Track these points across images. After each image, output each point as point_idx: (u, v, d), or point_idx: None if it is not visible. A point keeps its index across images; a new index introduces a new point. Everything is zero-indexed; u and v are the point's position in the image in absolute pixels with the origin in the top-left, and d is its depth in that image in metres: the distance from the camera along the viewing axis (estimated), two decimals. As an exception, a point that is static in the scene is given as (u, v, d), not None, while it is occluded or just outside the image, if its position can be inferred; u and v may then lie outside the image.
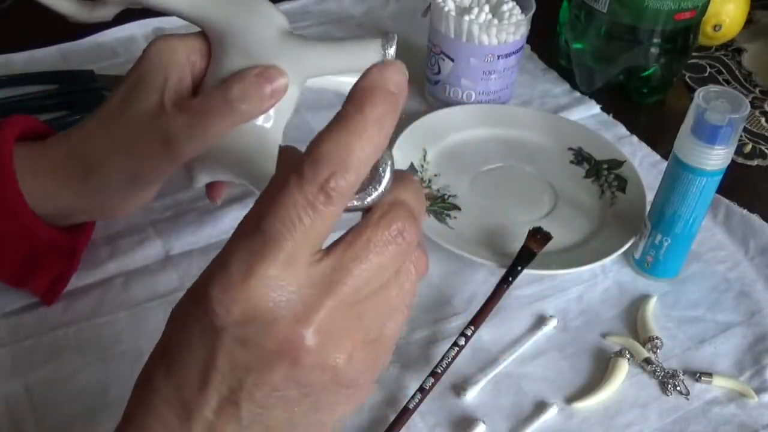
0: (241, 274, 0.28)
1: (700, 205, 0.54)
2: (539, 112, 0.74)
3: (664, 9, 0.69)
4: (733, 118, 0.50)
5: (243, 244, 0.28)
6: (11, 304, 0.53)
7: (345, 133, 0.28)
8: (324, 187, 0.27)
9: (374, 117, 0.28)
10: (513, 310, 0.56)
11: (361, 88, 0.29)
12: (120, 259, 0.57)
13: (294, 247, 0.28)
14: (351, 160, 0.28)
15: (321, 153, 0.28)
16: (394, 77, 0.29)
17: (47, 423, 0.47)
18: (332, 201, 0.28)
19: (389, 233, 0.30)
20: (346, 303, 0.29)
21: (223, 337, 0.28)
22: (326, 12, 0.88)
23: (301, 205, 0.27)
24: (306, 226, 0.28)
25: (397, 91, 0.29)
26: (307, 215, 0.28)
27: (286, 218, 0.27)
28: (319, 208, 0.28)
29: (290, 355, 0.28)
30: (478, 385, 0.51)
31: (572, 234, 0.61)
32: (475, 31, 0.68)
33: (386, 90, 0.29)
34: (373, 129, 0.28)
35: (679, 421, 0.50)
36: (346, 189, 0.28)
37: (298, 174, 0.28)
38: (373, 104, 0.28)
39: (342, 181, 0.28)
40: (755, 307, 0.58)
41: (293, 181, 0.28)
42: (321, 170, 0.27)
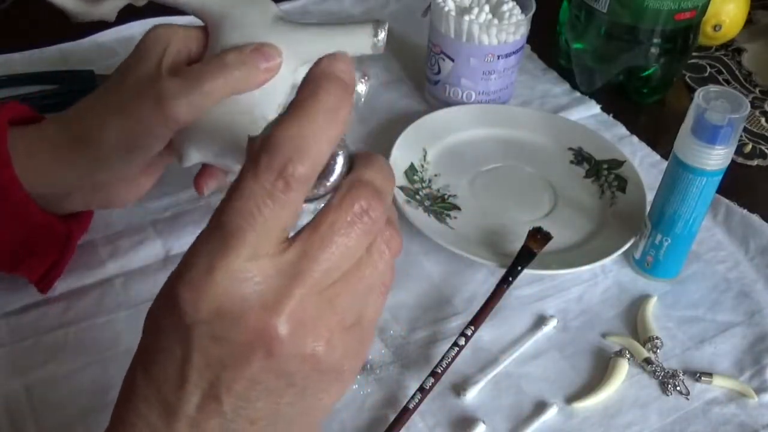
0: (205, 271, 0.27)
1: (700, 205, 0.54)
2: (539, 112, 0.74)
3: (664, 9, 0.69)
4: (733, 118, 0.50)
5: (205, 240, 0.28)
6: (11, 304, 0.53)
7: (300, 119, 0.28)
8: (282, 173, 0.27)
9: (329, 103, 0.28)
10: (513, 310, 0.56)
11: (314, 75, 0.29)
12: (120, 259, 0.57)
13: (256, 238, 0.27)
14: (308, 146, 0.27)
15: (276, 140, 0.27)
16: (343, 67, 0.29)
17: (47, 423, 0.47)
18: (291, 188, 0.27)
19: (353, 213, 0.29)
20: (317, 289, 0.29)
21: (194, 335, 0.28)
22: (326, 12, 0.88)
23: (259, 194, 0.27)
24: (266, 216, 0.27)
25: (348, 81, 0.29)
26: (266, 205, 0.27)
27: (244, 210, 0.27)
28: (278, 196, 0.27)
29: (264, 346, 0.28)
30: (478, 385, 0.51)
31: (572, 234, 0.61)
32: (475, 31, 0.68)
33: (339, 78, 0.29)
34: (329, 114, 0.28)
35: (679, 421, 0.50)
36: (304, 175, 0.27)
37: (254, 163, 0.27)
38: (327, 90, 0.28)
39: (300, 167, 0.27)
40: (755, 307, 0.58)
41: (249, 170, 0.27)
42: (277, 157, 0.27)
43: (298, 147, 0.27)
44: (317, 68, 0.29)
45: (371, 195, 0.30)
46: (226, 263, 0.27)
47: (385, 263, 0.31)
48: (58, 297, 0.54)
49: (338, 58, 0.29)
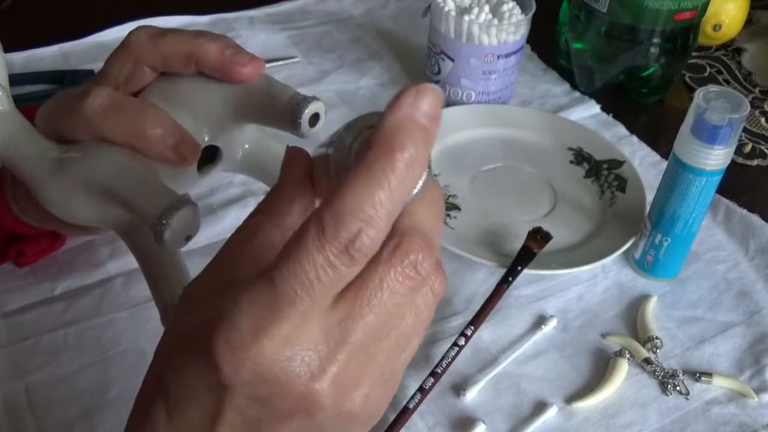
0: (251, 334, 0.26)
1: (700, 205, 0.54)
2: (539, 112, 0.74)
3: (664, 9, 0.69)
4: (733, 118, 0.50)
5: (253, 298, 0.26)
6: (11, 304, 0.53)
7: (372, 184, 0.25)
8: (348, 248, 0.25)
9: (405, 161, 0.26)
10: (513, 310, 0.56)
11: (389, 127, 0.26)
12: (120, 259, 0.57)
13: (310, 306, 0.26)
14: (378, 215, 0.25)
15: (345, 207, 0.25)
16: (427, 106, 0.26)
17: (47, 423, 0.47)
18: (355, 261, 0.26)
19: (403, 269, 0.27)
20: (361, 349, 0.28)
21: (232, 394, 0.27)
22: (326, 12, 0.88)
23: (320, 265, 0.25)
24: (324, 285, 0.26)
25: (431, 123, 0.26)
26: (327, 275, 0.25)
27: (303, 277, 0.25)
28: (340, 269, 0.25)
29: (305, 410, 0.27)
30: (478, 385, 0.51)
31: (572, 234, 0.61)
32: (475, 31, 0.68)
33: (418, 125, 0.26)
34: (404, 174, 0.26)
35: (678, 421, 0.50)
36: (371, 247, 0.26)
37: (318, 229, 0.25)
38: (403, 147, 0.25)
39: (367, 239, 0.25)
40: (755, 307, 0.58)
41: (312, 237, 0.25)
42: (344, 228, 0.25)
43: (368, 217, 0.25)
44: (395, 115, 0.26)
45: (423, 247, 0.28)
46: (274, 330, 0.26)
47: (428, 310, 0.30)
48: (58, 297, 0.54)
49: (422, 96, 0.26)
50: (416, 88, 0.26)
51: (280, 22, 0.85)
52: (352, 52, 0.82)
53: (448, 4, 0.70)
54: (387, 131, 0.26)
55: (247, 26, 0.84)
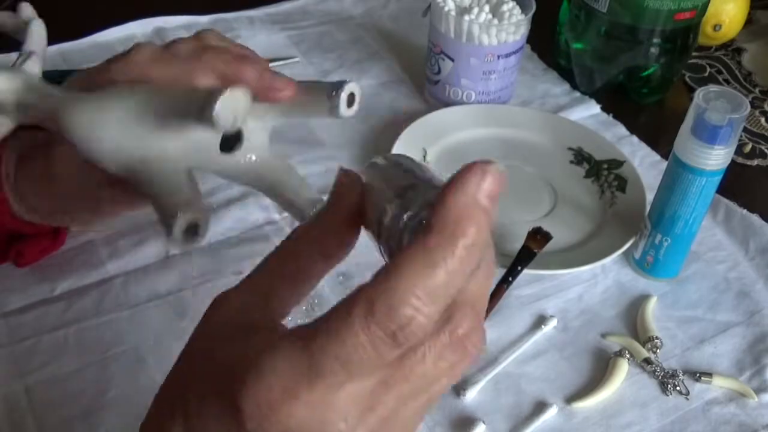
0: (281, 395, 0.25)
1: (700, 205, 0.54)
2: (539, 112, 0.74)
3: (663, 9, 0.69)
4: (733, 118, 0.50)
5: (288, 362, 0.25)
6: (11, 304, 0.53)
7: (429, 270, 0.24)
8: (396, 334, 0.24)
9: (467, 247, 0.24)
10: (513, 310, 0.56)
11: (453, 209, 0.25)
12: (120, 259, 0.57)
13: (346, 379, 0.25)
14: (432, 303, 0.24)
15: (398, 292, 0.24)
16: (490, 187, 0.25)
17: (47, 423, 0.47)
18: (401, 347, 0.24)
19: (450, 345, 0.26)
20: (391, 415, 0.27)
21: None
22: (326, 12, 0.88)
23: (362, 347, 0.24)
24: (364, 366, 0.25)
25: (493, 203, 0.25)
26: (368, 356, 0.24)
27: (343, 356, 0.24)
28: (385, 353, 0.24)
29: None
30: (478, 385, 0.51)
31: (572, 234, 0.61)
32: (475, 31, 0.68)
33: (481, 208, 0.25)
34: (462, 262, 0.24)
35: (678, 421, 0.50)
36: (419, 334, 0.24)
37: (368, 310, 0.24)
38: (465, 233, 0.24)
39: (418, 328, 0.24)
40: (755, 307, 0.58)
41: (360, 316, 0.24)
42: (396, 315, 0.24)
43: (421, 305, 0.24)
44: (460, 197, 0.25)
45: (474, 322, 0.26)
46: (305, 395, 0.25)
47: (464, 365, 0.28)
48: (58, 297, 0.54)
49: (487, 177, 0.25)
50: (482, 167, 0.25)
51: (280, 22, 0.85)
52: (352, 52, 0.82)
53: (448, 4, 0.70)
54: (450, 214, 0.25)
55: (247, 26, 0.84)
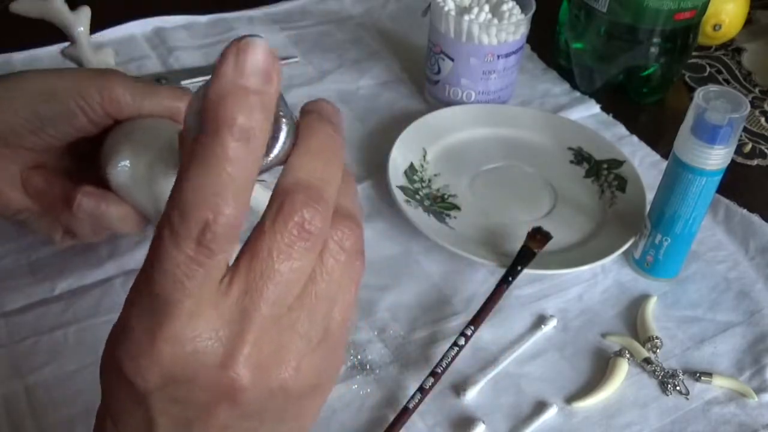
0: (146, 340, 0.25)
1: (700, 205, 0.54)
2: (539, 112, 0.74)
3: (663, 9, 0.69)
4: (733, 118, 0.50)
5: (140, 306, 0.26)
6: (11, 304, 0.53)
7: (206, 169, 0.24)
8: (200, 240, 0.24)
9: (237, 134, 0.24)
10: (513, 310, 0.56)
11: (211, 100, 0.24)
12: (120, 259, 0.57)
13: (193, 302, 0.25)
14: (223, 199, 0.24)
15: (186, 200, 0.24)
16: (254, 62, 0.24)
17: (47, 423, 0.47)
18: (214, 251, 0.25)
19: (289, 234, 0.26)
20: (271, 322, 0.26)
21: (152, 400, 0.26)
22: (326, 12, 0.88)
23: (184, 263, 0.24)
24: (197, 279, 0.25)
25: (264, 81, 0.24)
26: (194, 270, 0.25)
27: (171, 279, 0.25)
28: (204, 261, 0.25)
29: (226, 398, 0.26)
30: (478, 385, 0.51)
31: (572, 234, 0.61)
32: (475, 31, 0.68)
33: (246, 89, 0.24)
34: (240, 149, 0.24)
35: (678, 421, 0.50)
36: (227, 232, 0.24)
37: (169, 227, 0.24)
38: (230, 121, 0.24)
39: (219, 227, 0.24)
40: (755, 307, 0.58)
41: (166, 236, 0.24)
42: (190, 222, 0.24)
43: (212, 204, 0.24)
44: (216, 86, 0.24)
45: (307, 202, 0.26)
46: (166, 331, 0.25)
47: (343, 266, 0.28)
48: (58, 297, 0.54)
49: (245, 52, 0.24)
50: (236, 45, 0.24)
51: (279, 21, 0.85)
52: (352, 52, 0.82)
53: (448, 3, 0.70)
54: (211, 106, 0.24)
55: (246, 26, 0.84)
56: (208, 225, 0.24)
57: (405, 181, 0.64)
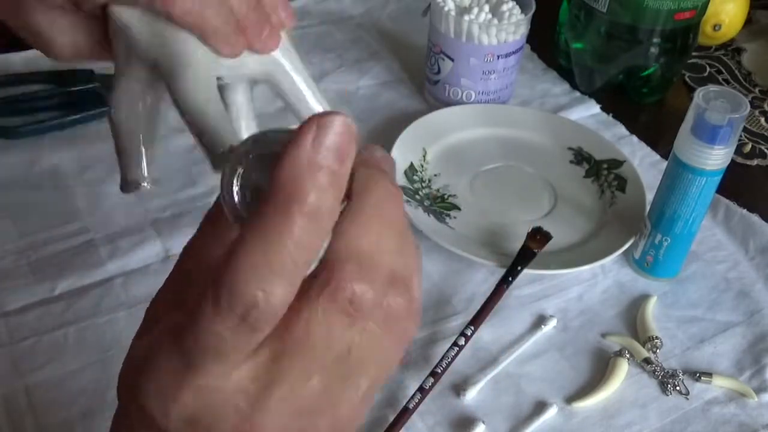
0: (174, 384, 0.25)
1: (700, 205, 0.54)
2: (539, 112, 0.74)
3: (663, 9, 0.69)
4: (733, 118, 0.50)
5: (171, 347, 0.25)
6: (11, 304, 0.53)
7: (266, 245, 0.22)
8: (245, 318, 0.23)
9: (306, 213, 0.22)
10: (513, 310, 0.56)
11: (285, 172, 0.22)
12: (120, 259, 0.57)
13: (223, 368, 0.24)
14: (276, 280, 0.23)
15: (237, 274, 0.23)
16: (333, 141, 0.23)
17: (47, 423, 0.47)
18: (257, 329, 0.23)
19: (336, 308, 0.24)
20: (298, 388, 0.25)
21: None
22: (326, 12, 0.88)
23: (220, 334, 0.23)
24: (231, 350, 0.24)
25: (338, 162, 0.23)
26: (230, 344, 0.24)
27: (205, 345, 0.24)
28: (242, 337, 0.24)
29: None
30: (478, 385, 0.51)
31: (572, 234, 0.61)
32: (475, 31, 0.68)
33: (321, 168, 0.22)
34: (306, 229, 0.23)
35: (678, 421, 0.50)
36: (273, 313, 0.23)
37: (213, 297, 0.23)
38: (301, 198, 0.22)
39: (266, 307, 0.23)
40: (755, 307, 0.58)
41: (208, 305, 0.23)
42: (238, 299, 0.23)
43: (265, 283, 0.22)
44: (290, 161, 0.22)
45: (358, 277, 0.24)
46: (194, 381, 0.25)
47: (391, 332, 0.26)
48: (58, 297, 0.54)
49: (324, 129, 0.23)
50: (317, 122, 0.23)
51: (279, 22, 0.85)
52: (352, 52, 0.82)
53: (448, 3, 0.70)
54: (284, 179, 0.22)
55: (246, 26, 0.84)
56: (257, 304, 0.23)
57: (405, 181, 0.64)
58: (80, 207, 0.61)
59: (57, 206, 0.61)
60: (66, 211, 0.60)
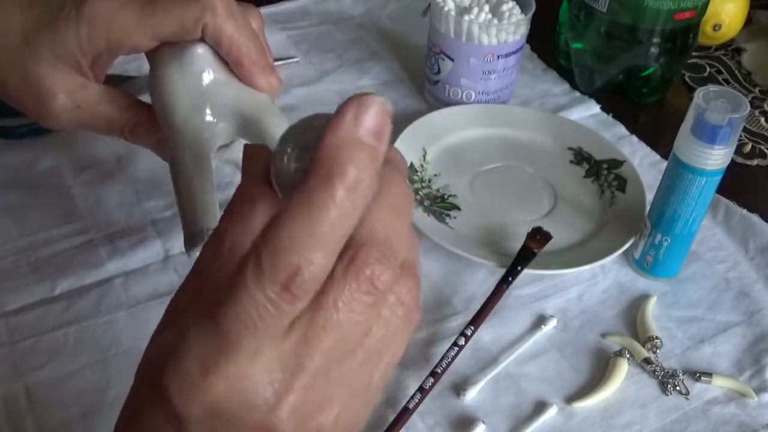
0: (198, 372, 0.25)
1: (700, 205, 0.54)
2: (539, 112, 0.74)
3: (663, 9, 0.69)
4: (733, 118, 0.50)
5: (199, 336, 0.25)
6: (11, 304, 0.53)
7: (310, 215, 0.24)
8: (287, 285, 0.24)
9: (347, 187, 0.24)
10: (513, 310, 0.56)
11: (328, 148, 0.24)
12: (120, 259, 0.57)
13: (256, 344, 0.25)
14: (318, 249, 0.24)
15: (281, 242, 0.24)
16: (371, 122, 0.24)
17: (47, 423, 0.47)
18: (298, 298, 0.24)
19: (358, 286, 0.25)
20: (322, 372, 0.26)
21: (190, 428, 0.26)
22: (326, 12, 0.88)
23: (261, 305, 0.24)
24: (268, 324, 0.24)
25: (377, 140, 0.24)
26: (269, 313, 0.24)
27: (245, 317, 0.24)
28: (283, 307, 0.24)
29: None
30: (478, 385, 0.51)
31: (572, 234, 0.61)
32: (474, 31, 0.68)
33: (361, 145, 0.24)
34: (346, 202, 0.24)
35: (678, 421, 0.50)
36: (314, 282, 0.24)
37: (256, 265, 0.24)
38: (343, 172, 0.24)
39: (309, 275, 0.24)
40: (755, 307, 0.58)
41: (250, 274, 0.24)
42: (282, 265, 0.23)
43: (307, 251, 0.24)
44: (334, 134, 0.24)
45: (380, 258, 0.26)
46: (222, 368, 0.25)
47: (400, 320, 0.28)
48: (58, 297, 0.54)
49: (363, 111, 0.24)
50: (358, 101, 0.24)
51: (280, 22, 0.85)
52: (352, 52, 0.82)
53: (448, 3, 0.70)
54: (326, 154, 0.24)
55: (247, 26, 0.84)
56: (300, 271, 0.24)
57: (405, 181, 0.64)
58: (80, 207, 0.61)
59: (57, 206, 0.61)
60: (66, 211, 0.61)
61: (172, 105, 0.45)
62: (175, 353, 0.26)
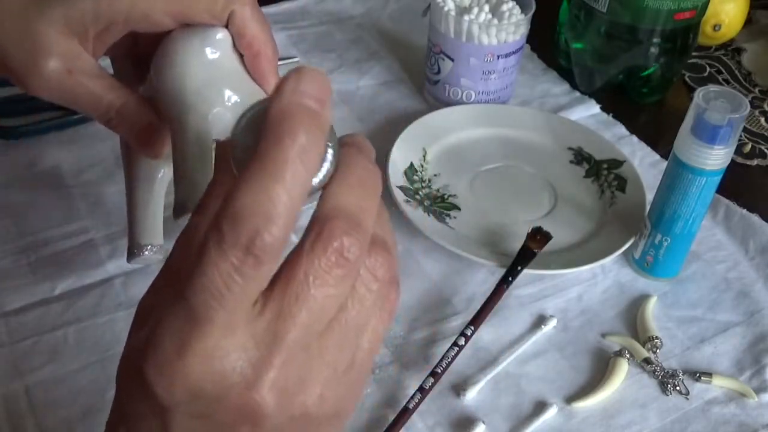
0: (175, 353, 0.25)
1: (700, 205, 0.54)
2: (539, 112, 0.74)
3: (663, 9, 0.69)
4: (733, 118, 0.50)
5: (171, 316, 0.25)
6: (11, 304, 0.53)
7: (264, 179, 0.24)
8: (249, 248, 0.24)
9: (297, 149, 0.24)
10: (513, 310, 0.56)
11: (274, 116, 0.25)
12: (120, 259, 0.57)
13: (227, 316, 0.25)
14: (276, 210, 0.24)
15: (239, 208, 0.24)
16: (312, 89, 0.25)
17: (47, 423, 0.47)
18: (262, 261, 0.24)
19: (327, 259, 0.26)
20: (300, 348, 0.26)
21: (173, 414, 0.26)
22: (326, 12, 0.88)
23: (226, 272, 0.24)
24: (236, 292, 0.24)
25: (319, 105, 0.25)
26: (236, 282, 0.24)
27: (212, 288, 0.24)
28: (248, 272, 0.24)
29: (248, 420, 0.26)
30: (478, 385, 0.51)
31: (572, 234, 0.61)
32: (474, 31, 0.68)
33: (306, 109, 0.25)
34: (298, 164, 0.24)
35: (678, 421, 0.50)
36: (275, 244, 0.24)
37: (217, 234, 0.24)
38: (292, 134, 0.24)
39: (269, 236, 0.24)
40: (755, 307, 0.58)
41: (212, 244, 0.24)
42: (242, 229, 0.24)
43: (266, 213, 0.24)
44: (279, 102, 0.25)
45: (347, 230, 0.26)
46: (197, 345, 0.25)
47: (375, 295, 0.28)
48: (58, 297, 0.54)
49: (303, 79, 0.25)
50: (297, 71, 0.25)
51: (280, 21, 0.85)
52: (352, 52, 0.82)
53: (447, 3, 0.70)
54: (274, 120, 0.25)
55: (247, 26, 0.84)
56: (259, 233, 0.24)
57: (405, 181, 0.64)
58: (80, 207, 0.61)
59: (57, 206, 0.61)
60: (66, 211, 0.61)
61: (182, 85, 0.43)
62: (153, 340, 0.26)
